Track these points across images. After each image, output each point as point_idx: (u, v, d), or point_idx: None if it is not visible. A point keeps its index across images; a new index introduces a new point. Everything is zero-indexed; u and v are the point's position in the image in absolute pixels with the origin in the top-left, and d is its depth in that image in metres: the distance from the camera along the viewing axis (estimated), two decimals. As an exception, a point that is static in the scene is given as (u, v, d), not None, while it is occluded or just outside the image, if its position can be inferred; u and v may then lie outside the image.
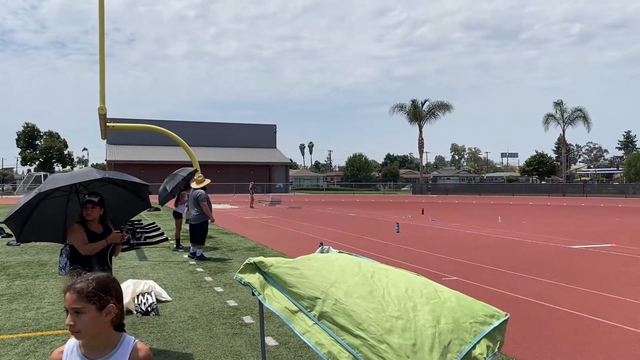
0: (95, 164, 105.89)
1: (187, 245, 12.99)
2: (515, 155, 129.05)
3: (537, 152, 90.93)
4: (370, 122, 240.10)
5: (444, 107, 67.23)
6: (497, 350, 2.50)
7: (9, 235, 15.03)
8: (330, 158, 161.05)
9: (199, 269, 9.95)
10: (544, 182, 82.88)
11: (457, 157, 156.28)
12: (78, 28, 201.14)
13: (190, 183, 12.47)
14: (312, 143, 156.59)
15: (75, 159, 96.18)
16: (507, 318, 2.65)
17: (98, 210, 4.60)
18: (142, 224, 17.46)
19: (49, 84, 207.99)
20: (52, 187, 4.40)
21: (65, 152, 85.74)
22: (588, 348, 5.29)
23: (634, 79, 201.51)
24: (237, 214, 26.37)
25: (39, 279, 8.95)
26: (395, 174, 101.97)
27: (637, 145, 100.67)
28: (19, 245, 13.27)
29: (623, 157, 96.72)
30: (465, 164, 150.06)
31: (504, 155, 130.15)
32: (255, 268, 2.79)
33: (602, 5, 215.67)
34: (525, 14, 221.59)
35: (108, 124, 14.90)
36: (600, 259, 11.19)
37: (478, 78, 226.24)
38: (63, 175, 4.62)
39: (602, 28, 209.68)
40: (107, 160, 63.68)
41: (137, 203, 5.37)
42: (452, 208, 32.52)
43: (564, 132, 67.23)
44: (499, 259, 11.11)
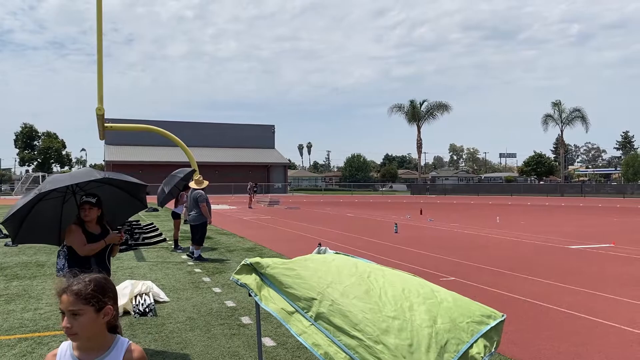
0: (94, 165, 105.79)
1: (185, 246, 12.99)
2: (514, 156, 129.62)
3: (535, 152, 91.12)
4: (369, 122, 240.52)
5: (443, 107, 67.33)
6: (494, 350, 2.50)
7: (7, 236, 15.00)
8: (329, 158, 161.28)
9: (197, 270, 9.94)
10: (542, 182, 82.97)
11: (455, 157, 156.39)
12: (76, 28, 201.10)
13: (189, 184, 12.47)
14: (310, 143, 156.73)
15: (74, 160, 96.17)
16: (503, 318, 2.65)
17: (96, 211, 4.60)
18: (140, 225, 17.45)
19: (47, 85, 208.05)
20: (52, 187, 4.39)
21: (64, 152, 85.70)
22: (585, 348, 5.29)
23: (632, 80, 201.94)
24: (235, 215, 26.36)
25: (37, 280, 8.94)
26: (394, 174, 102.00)
27: (635, 146, 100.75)
28: (17, 246, 13.25)
29: (621, 157, 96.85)
30: (464, 164, 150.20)
31: (503, 156, 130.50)
32: (252, 269, 2.79)
33: (600, 6, 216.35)
34: (524, 15, 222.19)
35: (106, 125, 14.90)
36: (599, 259, 11.20)
37: (476, 78, 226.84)
38: (63, 176, 4.61)
39: (600, 28, 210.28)
40: (105, 161, 63.61)
41: (134, 204, 5.36)
42: (450, 208, 32.54)
43: (562, 132, 67.40)
44: (497, 259, 11.12)
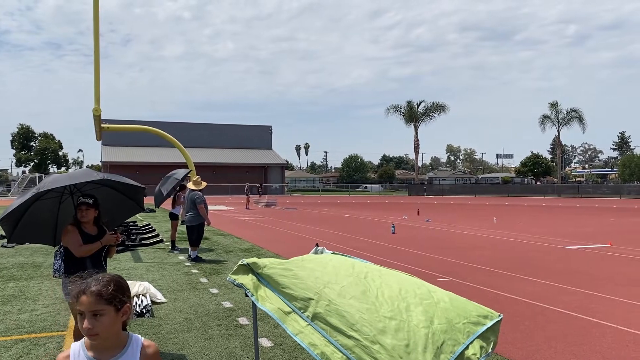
0: (91, 165, 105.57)
1: (183, 247, 12.97)
2: (511, 156, 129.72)
3: (532, 153, 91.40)
4: (366, 123, 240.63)
5: (440, 108, 67.43)
6: (490, 351, 2.51)
7: (3, 237, 14.97)
8: (326, 159, 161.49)
9: (194, 271, 9.93)
10: (539, 182, 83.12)
11: (452, 158, 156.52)
12: (73, 29, 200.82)
13: (186, 184, 12.46)
14: (308, 144, 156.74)
15: (71, 161, 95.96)
16: (500, 319, 2.65)
17: (93, 212, 4.58)
18: (137, 225, 17.42)
19: (44, 85, 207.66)
20: (50, 187, 4.39)
21: (60, 153, 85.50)
22: (582, 348, 5.30)
23: (629, 80, 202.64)
24: (232, 215, 26.34)
25: (33, 281, 8.91)
26: (391, 175, 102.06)
27: (631, 146, 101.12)
28: (13, 247, 13.22)
29: (617, 157, 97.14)
30: (461, 165, 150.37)
31: (499, 156, 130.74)
32: (249, 269, 2.79)
33: (596, 7, 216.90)
34: (521, 15, 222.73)
35: (103, 125, 14.88)
36: (595, 260, 11.22)
37: (473, 79, 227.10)
38: (62, 176, 4.60)
39: (596, 29, 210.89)
40: (102, 162, 63.51)
41: (130, 205, 5.35)
42: (447, 209, 32.57)
43: (559, 133, 67.51)
44: (494, 260, 11.13)
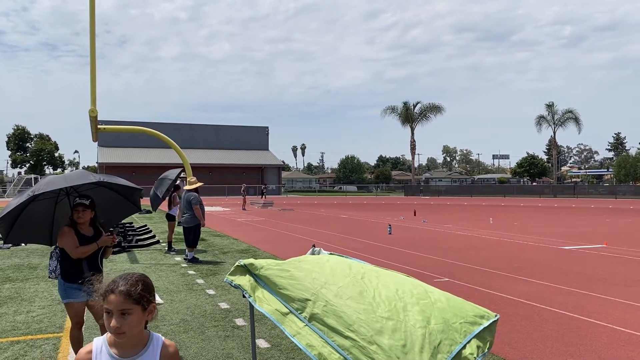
0: (87, 167, 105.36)
1: (179, 248, 12.95)
2: (507, 157, 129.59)
3: (528, 153, 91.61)
4: (363, 124, 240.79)
5: (436, 109, 67.59)
6: (487, 351, 2.52)
7: (-1, 239, 14.91)
8: (323, 160, 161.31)
9: (191, 272, 9.91)
10: (535, 183, 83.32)
11: (448, 158, 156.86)
12: (69, 30, 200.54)
13: (183, 186, 12.44)
14: (304, 145, 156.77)
15: (67, 162, 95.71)
16: (497, 319, 2.66)
17: (89, 213, 4.57)
18: (133, 227, 17.38)
19: (40, 86, 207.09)
20: (46, 189, 4.37)
21: (56, 154, 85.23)
22: (578, 348, 5.32)
23: (624, 81, 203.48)
24: (229, 216, 26.31)
25: (29, 283, 8.88)
26: (388, 176, 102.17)
27: (626, 147, 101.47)
28: (9, 249, 13.17)
29: (613, 158, 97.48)
30: (457, 166, 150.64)
31: (496, 157, 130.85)
32: (246, 270, 2.79)
33: (592, 8, 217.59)
34: (516, 17, 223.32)
35: (99, 126, 14.84)
36: (591, 260, 11.26)
37: (469, 80, 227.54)
38: (58, 178, 4.58)
39: (592, 30, 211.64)
40: (98, 163, 63.33)
41: (127, 206, 5.34)
42: (444, 209, 32.62)
43: (555, 133, 67.71)
44: (490, 260, 11.16)
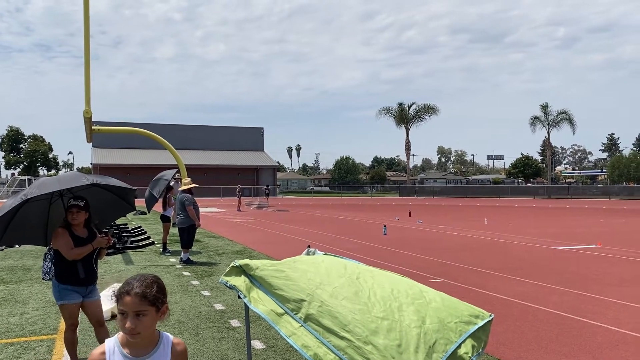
0: (81, 168, 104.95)
1: (174, 249, 12.92)
2: (501, 158, 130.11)
3: (522, 154, 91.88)
4: (358, 125, 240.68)
5: (430, 110, 67.71)
6: (481, 350, 2.53)
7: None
8: (318, 161, 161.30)
9: (186, 273, 9.89)
10: (530, 184, 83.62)
11: (443, 159, 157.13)
12: (63, 31, 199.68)
13: (178, 187, 12.41)
14: (299, 146, 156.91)
15: (61, 163, 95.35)
16: (491, 318, 2.67)
17: (83, 215, 4.55)
18: (128, 228, 17.33)
19: (34, 87, 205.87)
20: (39, 192, 4.34)
21: (50, 155, 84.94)
22: (572, 348, 5.34)
23: (617, 82, 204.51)
24: (224, 217, 26.27)
25: (23, 284, 8.84)
26: (383, 177, 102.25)
27: (620, 148, 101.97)
28: (3, 250, 13.10)
29: (607, 159, 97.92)
30: (452, 167, 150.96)
31: (490, 158, 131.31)
32: (241, 271, 2.79)
33: (586, 9, 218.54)
34: (511, 18, 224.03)
35: (93, 127, 14.77)
36: (585, 260, 11.31)
37: (464, 81, 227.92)
38: (50, 180, 4.55)
39: (586, 32, 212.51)
40: (92, 164, 63.11)
41: (122, 206, 5.32)
42: (438, 210, 32.69)
43: (549, 134, 67.96)
44: (485, 261, 11.19)
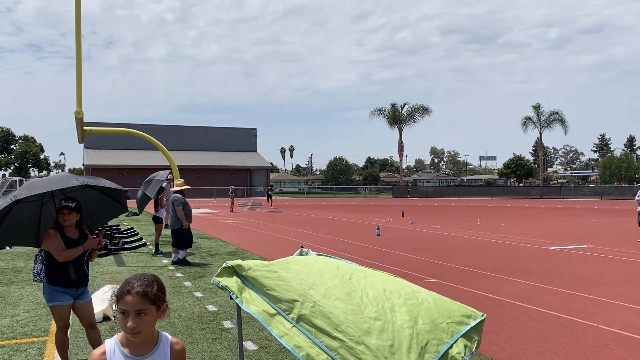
0: (73, 169, 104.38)
1: (166, 251, 12.86)
2: (494, 158, 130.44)
3: (514, 155, 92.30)
4: (351, 125, 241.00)
5: (423, 110, 67.92)
6: (474, 350, 2.53)
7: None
8: (311, 161, 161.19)
9: (178, 274, 9.86)
10: (522, 184, 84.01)
11: (436, 160, 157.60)
12: (54, 31, 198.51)
13: (170, 188, 12.38)
14: (292, 147, 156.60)
15: (52, 164, 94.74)
16: (483, 318, 2.68)
17: (75, 216, 4.51)
18: (120, 229, 17.24)
19: (25, 88, 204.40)
20: (29, 193, 4.31)
21: (42, 156, 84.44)
22: (564, 347, 5.37)
23: (608, 83, 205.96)
24: (217, 218, 26.20)
25: (14, 286, 8.77)
26: (376, 177, 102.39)
27: (611, 148, 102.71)
28: (-7, 252, 13.00)
29: (598, 159, 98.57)
30: (445, 167, 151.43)
31: (483, 158, 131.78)
32: (233, 271, 2.78)
33: (577, 11, 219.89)
34: (503, 19, 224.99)
35: (85, 128, 14.69)
36: (577, 260, 11.37)
37: (456, 82, 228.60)
38: (41, 181, 4.52)
39: (577, 33, 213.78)
40: (84, 165, 62.80)
41: (114, 207, 5.29)
42: (431, 211, 32.77)
43: (541, 135, 68.30)
44: (478, 261, 11.23)
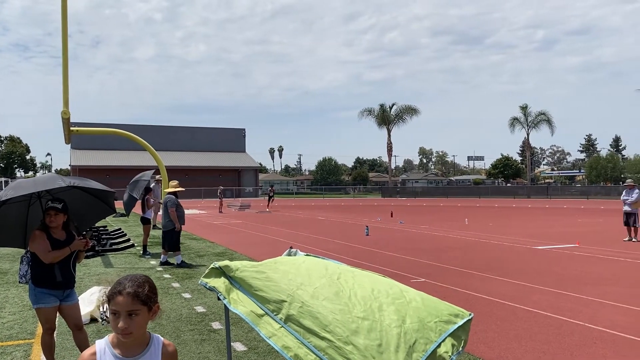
0: (59, 170, 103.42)
1: (154, 252, 12.79)
2: (482, 159, 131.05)
3: (502, 155, 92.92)
4: (340, 126, 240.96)
5: (412, 111, 68.20)
6: (461, 349, 2.54)
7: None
8: (300, 162, 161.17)
9: (166, 276, 9.81)
10: (510, 184, 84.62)
11: (425, 160, 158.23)
12: (41, 30, 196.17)
13: (159, 189, 12.31)
14: (281, 147, 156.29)
15: (39, 165, 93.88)
16: (471, 317, 2.69)
17: (62, 217, 4.47)
18: (107, 230, 17.12)
19: (11, 88, 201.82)
20: (15, 194, 4.26)
21: (28, 157, 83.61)
22: (551, 346, 5.42)
23: (595, 84, 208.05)
24: (205, 219, 26.10)
25: (-1, 288, 8.68)
26: (365, 178, 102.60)
27: (598, 149, 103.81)
28: (-22, 254, 12.85)
29: (585, 160, 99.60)
30: (433, 167, 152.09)
31: (471, 159, 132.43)
32: (221, 272, 2.77)
33: (564, 12, 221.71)
34: (492, 20, 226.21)
35: (72, 128, 14.59)
36: (564, 259, 11.48)
37: (445, 83, 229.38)
38: (26, 182, 4.47)
39: (564, 34, 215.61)
40: (71, 166, 62.25)
41: (101, 208, 5.25)
42: (420, 211, 32.90)
43: (529, 135, 68.83)
44: (466, 261, 11.29)
